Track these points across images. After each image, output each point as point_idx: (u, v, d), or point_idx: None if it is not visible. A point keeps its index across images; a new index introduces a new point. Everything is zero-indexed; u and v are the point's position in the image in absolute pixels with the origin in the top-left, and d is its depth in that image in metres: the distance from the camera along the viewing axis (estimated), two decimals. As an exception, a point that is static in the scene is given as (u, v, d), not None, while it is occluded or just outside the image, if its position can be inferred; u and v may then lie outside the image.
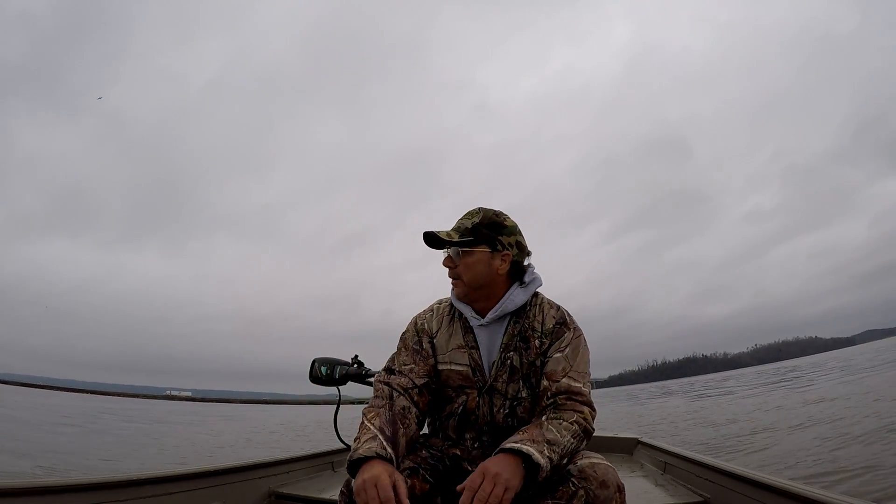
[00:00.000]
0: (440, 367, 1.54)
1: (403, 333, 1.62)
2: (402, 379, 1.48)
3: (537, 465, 1.21)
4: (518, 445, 1.23)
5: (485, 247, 1.49)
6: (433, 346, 1.56)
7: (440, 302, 1.65)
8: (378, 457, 1.24)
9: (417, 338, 1.57)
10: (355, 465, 1.25)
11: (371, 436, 1.31)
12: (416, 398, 1.46)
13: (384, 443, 1.29)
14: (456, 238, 1.48)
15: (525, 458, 1.22)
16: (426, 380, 1.50)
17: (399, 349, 1.58)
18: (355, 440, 1.32)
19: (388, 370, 1.53)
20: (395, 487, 1.17)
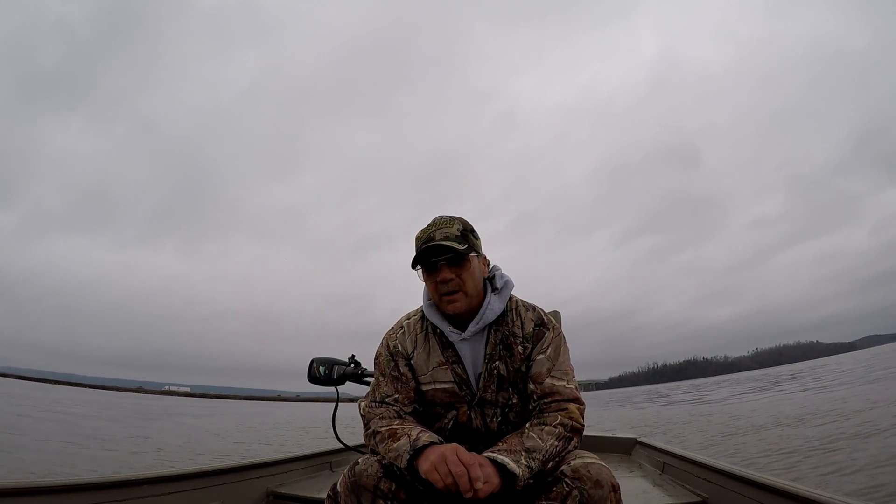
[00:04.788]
0: (423, 387, 1.51)
1: (377, 358, 1.57)
2: (391, 409, 1.46)
3: (513, 475, 1.25)
4: (493, 455, 1.26)
5: (474, 253, 1.49)
6: (412, 367, 1.52)
7: (409, 317, 1.61)
8: (440, 443, 1.28)
9: (393, 363, 1.53)
10: (415, 455, 1.27)
11: (422, 429, 1.34)
12: None
13: (435, 435, 1.32)
14: (460, 247, 1.43)
15: (501, 467, 1.25)
16: (413, 407, 1.49)
17: (377, 379, 1.54)
18: (401, 437, 1.31)
19: (374, 402, 1.50)
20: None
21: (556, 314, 2.14)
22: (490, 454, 1.27)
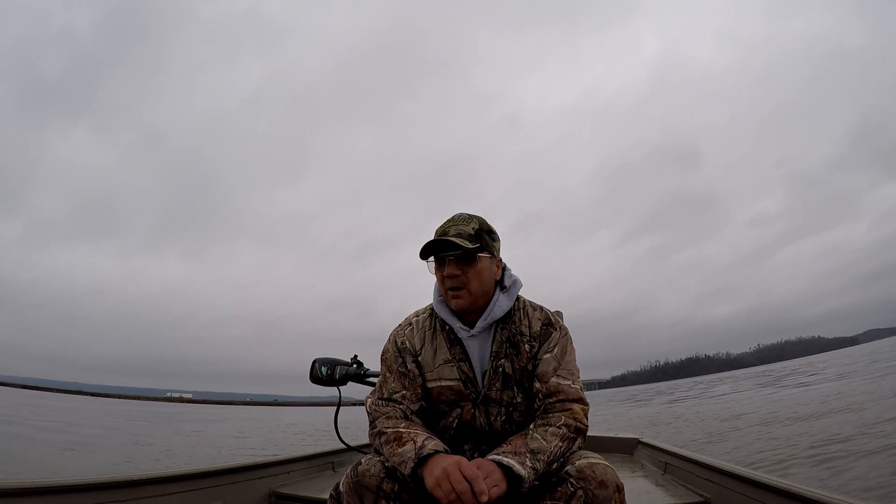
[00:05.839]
0: (429, 384, 1.50)
1: (384, 354, 1.57)
2: (397, 408, 1.45)
3: (519, 477, 1.25)
4: (499, 458, 1.26)
5: (487, 253, 1.48)
6: (418, 364, 1.52)
7: (417, 314, 1.61)
8: (446, 452, 1.28)
9: (401, 359, 1.52)
10: (420, 464, 1.27)
11: (427, 436, 1.33)
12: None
13: (441, 443, 1.31)
14: (469, 246, 1.43)
15: (506, 469, 1.25)
16: (419, 404, 1.48)
17: (384, 375, 1.53)
18: (406, 443, 1.30)
19: (381, 399, 1.49)
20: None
21: (558, 314, 2.14)
22: (495, 456, 1.26)
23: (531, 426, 1.38)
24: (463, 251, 1.43)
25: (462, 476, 1.23)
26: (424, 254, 1.47)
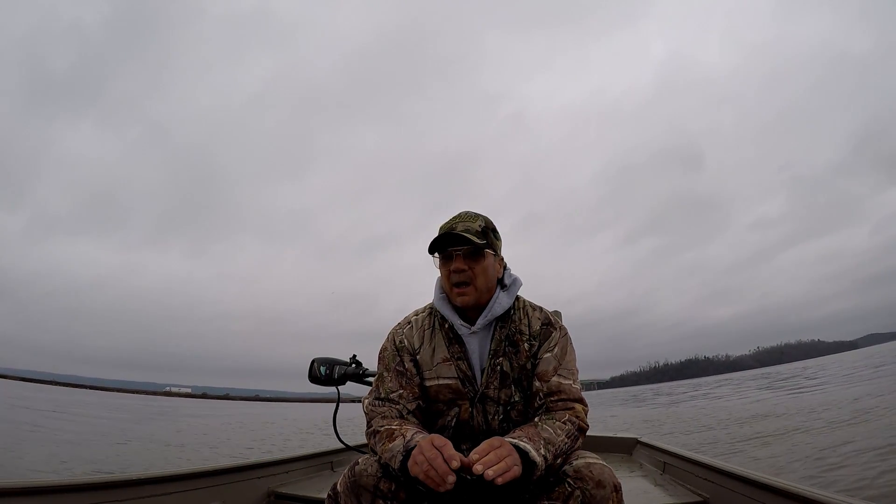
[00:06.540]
0: (427, 383, 1.50)
1: (382, 352, 1.57)
2: (393, 408, 1.45)
3: (533, 463, 1.23)
4: (516, 441, 1.24)
5: (492, 251, 1.50)
6: (416, 363, 1.52)
7: (417, 313, 1.61)
8: None
9: (399, 358, 1.53)
10: (408, 456, 1.26)
11: (417, 430, 1.33)
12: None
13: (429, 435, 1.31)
14: (478, 241, 1.45)
15: (522, 454, 1.23)
16: (416, 403, 1.48)
17: (381, 375, 1.53)
18: (396, 438, 1.30)
19: (378, 399, 1.49)
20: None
21: (557, 314, 2.14)
22: (511, 440, 1.25)
23: (537, 419, 1.38)
24: (472, 246, 1.46)
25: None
26: (433, 248, 1.49)
